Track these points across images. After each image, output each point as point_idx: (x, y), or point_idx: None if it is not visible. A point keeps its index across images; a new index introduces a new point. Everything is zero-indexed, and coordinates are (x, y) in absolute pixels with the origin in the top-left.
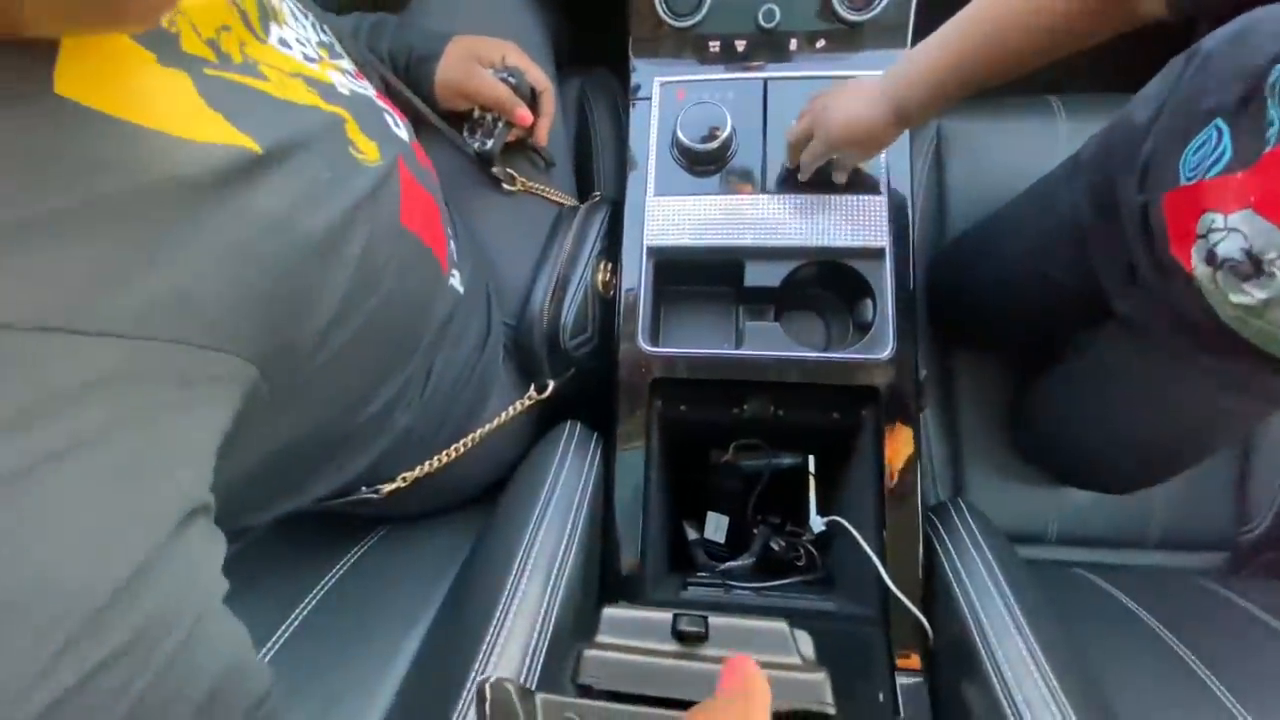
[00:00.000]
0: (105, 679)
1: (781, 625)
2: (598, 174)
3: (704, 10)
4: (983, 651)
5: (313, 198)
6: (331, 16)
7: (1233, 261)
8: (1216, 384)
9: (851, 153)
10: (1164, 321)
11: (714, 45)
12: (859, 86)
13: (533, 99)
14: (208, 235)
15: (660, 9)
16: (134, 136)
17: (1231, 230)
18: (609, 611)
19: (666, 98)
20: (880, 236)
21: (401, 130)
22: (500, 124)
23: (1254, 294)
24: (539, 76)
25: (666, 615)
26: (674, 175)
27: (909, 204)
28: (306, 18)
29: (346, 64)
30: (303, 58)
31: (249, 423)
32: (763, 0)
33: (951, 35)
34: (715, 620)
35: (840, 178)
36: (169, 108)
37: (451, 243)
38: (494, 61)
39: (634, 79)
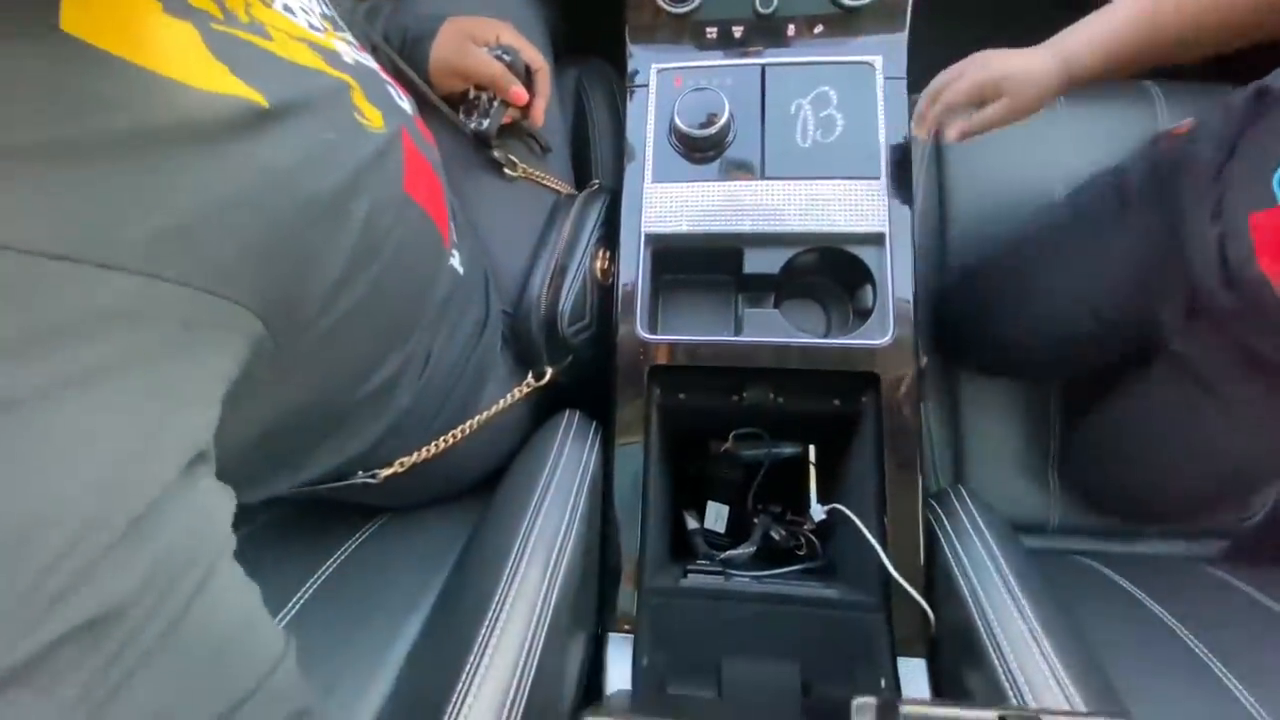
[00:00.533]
0: (115, 623)
1: None
2: (595, 163)
3: None
4: (984, 635)
5: (318, 159)
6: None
7: None
8: (1262, 426)
9: (1004, 100)
10: (1229, 356)
11: (711, 32)
12: (1028, 50)
13: (528, 78)
14: (213, 181)
15: None
16: (140, 78)
17: None
18: None
19: (664, 85)
20: (880, 221)
21: (404, 103)
22: (496, 103)
23: None
24: (534, 55)
25: None
26: (672, 162)
27: (910, 189)
28: None
29: (350, 37)
30: (308, 25)
31: (254, 383)
32: None
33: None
34: None
35: (952, 134)
36: (176, 55)
37: (451, 221)
38: (489, 40)
39: (631, 66)
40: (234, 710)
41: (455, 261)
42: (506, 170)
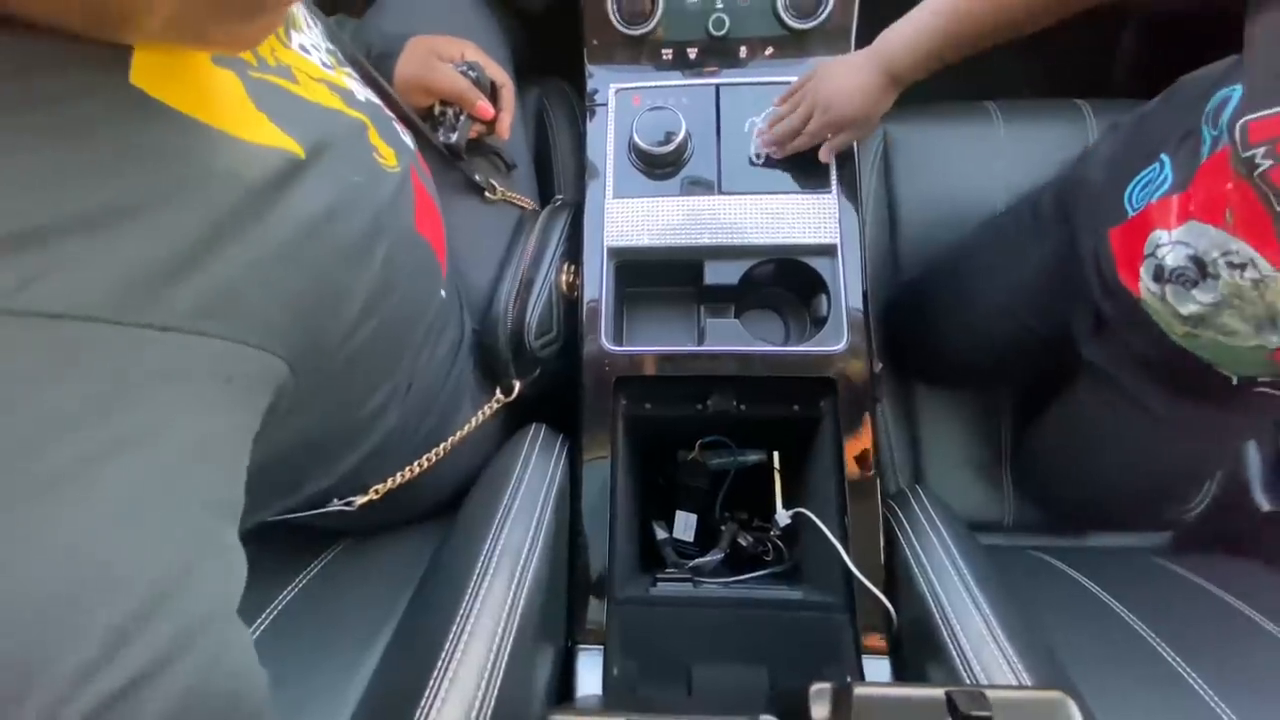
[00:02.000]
0: (146, 686)
1: None
2: (558, 180)
3: (656, 18)
4: (943, 628)
5: (348, 203)
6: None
7: (1179, 270)
8: (1176, 429)
9: (847, 130)
10: (1130, 364)
11: (667, 53)
12: (846, 59)
13: (493, 94)
14: (258, 235)
15: (613, 17)
16: (198, 133)
17: (1176, 243)
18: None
19: (622, 104)
20: (832, 233)
21: (407, 138)
22: (463, 118)
23: (1201, 299)
24: (498, 71)
25: None
26: (632, 178)
27: (858, 202)
28: (315, 26)
29: (352, 71)
30: (321, 63)
31: (272, 417)
32: (713, 9)
33: (944, 4)
34: None
35: (826, 155)
36: (225, 107)
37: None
38: (454, 57)
39: (590, 85)
40: None
41: (444, 290)
42: (486, 194)
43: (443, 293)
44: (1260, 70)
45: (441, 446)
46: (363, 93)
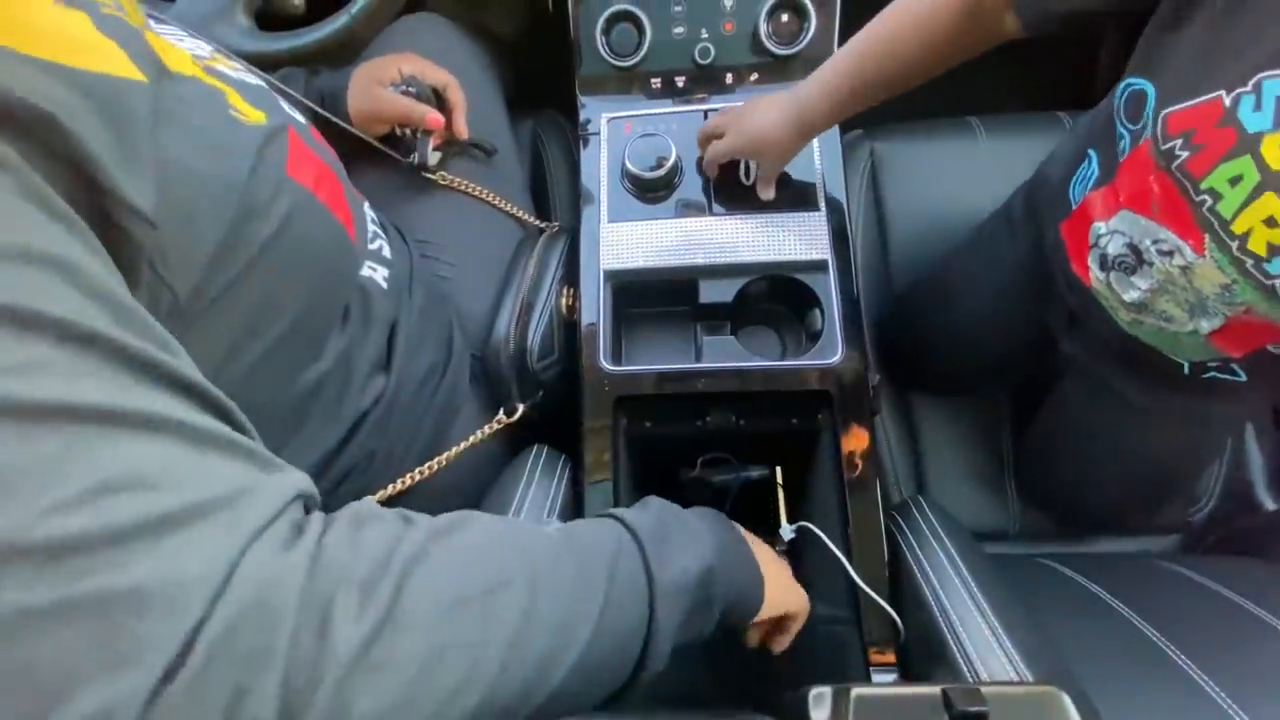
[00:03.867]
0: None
1: None
2: (555, 206)
3: (644, 51)
4: (949, 639)
5: (199, 143)
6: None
7: (1120, 257)
8: (1156, 419)
9: (762, 159)
10: (1102, 353)
11: (656, 82)
12: (773, 98)
13: (439, 99)
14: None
15: (603, 51)
16: (25, 64)
17: (1114, 232)
18: None
19: (614, 132)
20: (822, 249)
21: (299, 115)
22: (420, 134)
23: (1140, 285)
24: (437, 74)
25: None
26: (626, 203)
27: (847, 218)
28: (196, 38)
29: (245, 69)
30: (192, 51)
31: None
32: (698, 39)
33: (849, 50)
34: None
35: (763, 191)
36: (66, 42)
37: (380, 240)
38: (393, 78)
39: (583, 116)
40: None
41: (377, 276)
42: (470, 191)
43: (379, 281)
44: (1176, 68)
45: (437, 460)
46: (240, 75)
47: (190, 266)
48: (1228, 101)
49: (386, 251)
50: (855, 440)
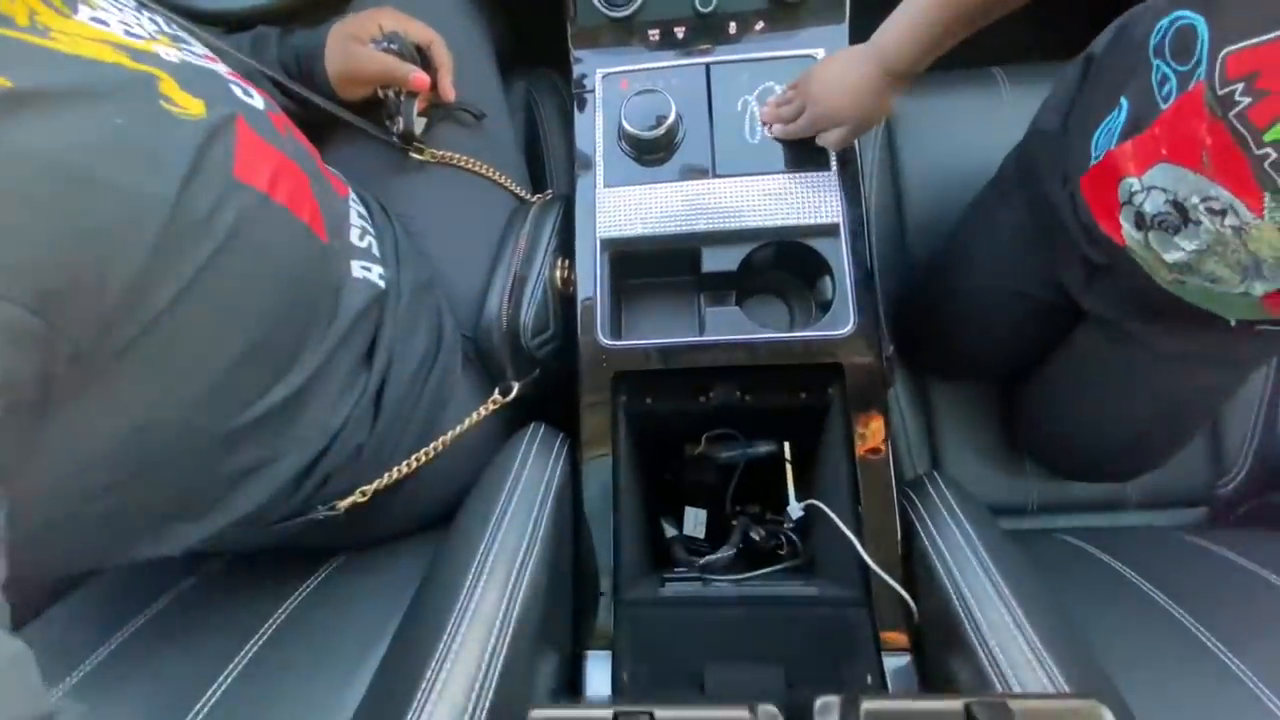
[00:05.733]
0: None
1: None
2: (550, 173)
3: None
4: (965, 621)
5: (105, 145)
6: (214, 38)
7: (1161, 216)
8: (1184, 364)
9: (842, 125)
10: (1130, 307)
11: (653, 33)
12: (841, 56)
13: (423, 57)
14: None
15: None
16: None
17: (1151, 188)
18: (536, 714)
19: (610, 89)
20: (834, 212)
21: (254, 99)
22: (404, 98)
23: (1185, 246)
24: (419, 30)
25: (605, 713)
26: (623, 166)
27: (860, 179)
28: (143, 11)
29: (195, 46)
30: (124, 33)
31: (67, 391)
32: None
33: None
34: (661, 714)
35: (827, 141)
36: None
37: (369, 237)
38: (373, 34)
39: (576, 71)
40: None
41: (374, 275)
42: (460, 165)
43: (374, 280)
44: (1239, 1)
45: (433, 446)
46: (176, 55)
47: (95, 310)
48: None
49: (376, 249)
50: (867, 415)
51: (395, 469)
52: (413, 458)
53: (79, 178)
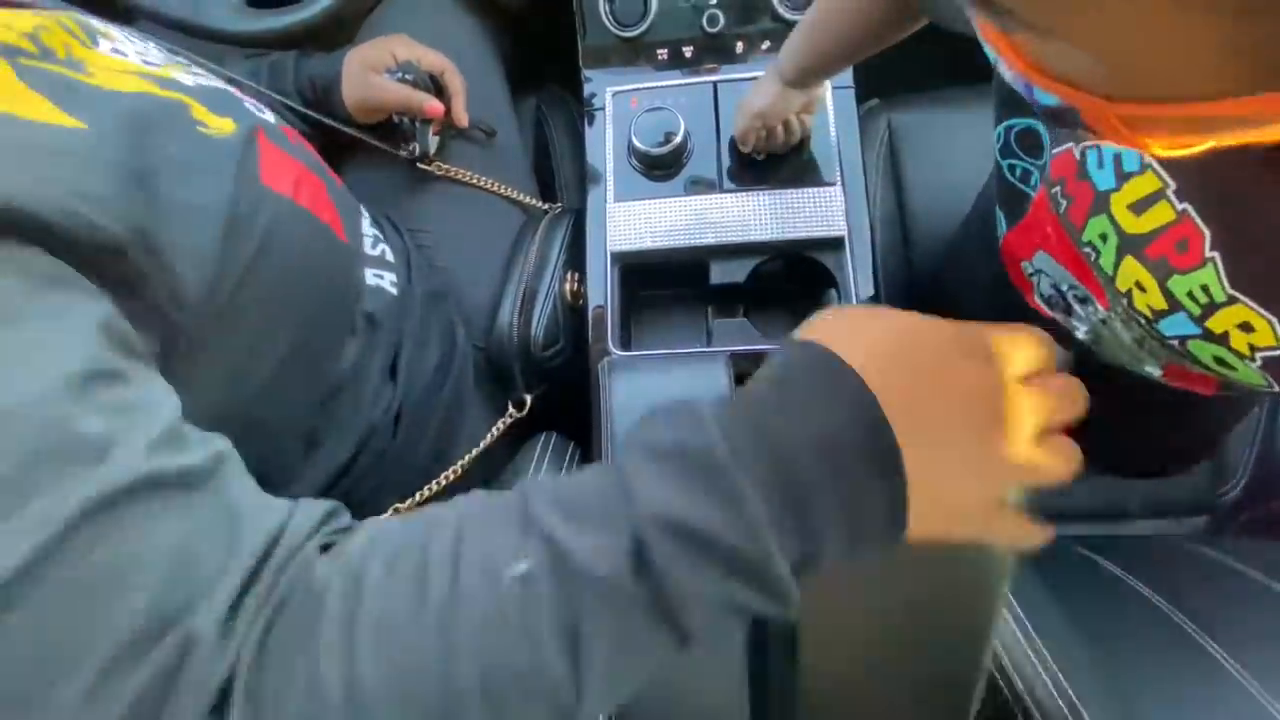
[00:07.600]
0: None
1: None
2: (560, 187)
3: (649, 19)
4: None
5: (165, 170)
6: (233, 63)
7: (1051, 299)
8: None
9: (763, 119)
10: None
11: (662, 53)
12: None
13: (437, 85)
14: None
15: (607, 20)
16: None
17: (1038, 272)
18: None
19: (620, 106)
20: (839, 226)
21: (266, 114)
22: (418, 123)
23: (1080, 328)
24: (433, 59)
25: None
26: (633, 181)
27: (864, 193)
28: (148, 40)
29: (206, 75)
30: (141, 62)
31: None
32: (706, 6)
33: (805, 21)
34: None
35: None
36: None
37: (381, 245)
38: (388, 64)
39: (587, 90)
40: None
41: (386, 283)
42: (476, 183)
43: (388, 288)
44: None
45: (452, 470)
46: (193, 80)
47: (195, 301)
48: (1077, 154)
49: (390, 256)
50: None
51: (418, 493)
52: (441, 476)
53: (153, 192)
